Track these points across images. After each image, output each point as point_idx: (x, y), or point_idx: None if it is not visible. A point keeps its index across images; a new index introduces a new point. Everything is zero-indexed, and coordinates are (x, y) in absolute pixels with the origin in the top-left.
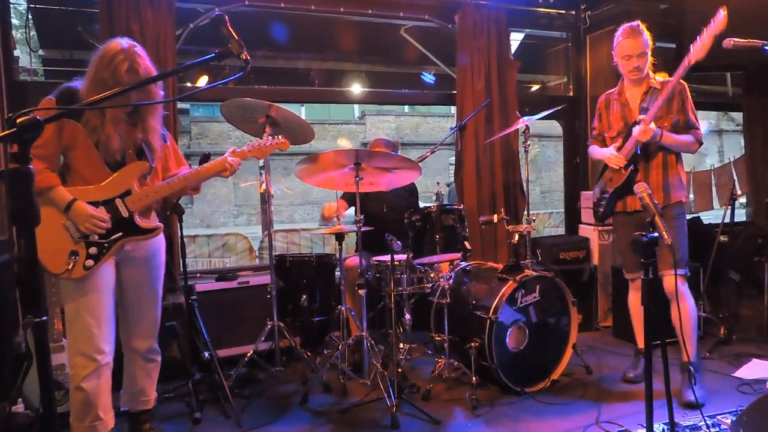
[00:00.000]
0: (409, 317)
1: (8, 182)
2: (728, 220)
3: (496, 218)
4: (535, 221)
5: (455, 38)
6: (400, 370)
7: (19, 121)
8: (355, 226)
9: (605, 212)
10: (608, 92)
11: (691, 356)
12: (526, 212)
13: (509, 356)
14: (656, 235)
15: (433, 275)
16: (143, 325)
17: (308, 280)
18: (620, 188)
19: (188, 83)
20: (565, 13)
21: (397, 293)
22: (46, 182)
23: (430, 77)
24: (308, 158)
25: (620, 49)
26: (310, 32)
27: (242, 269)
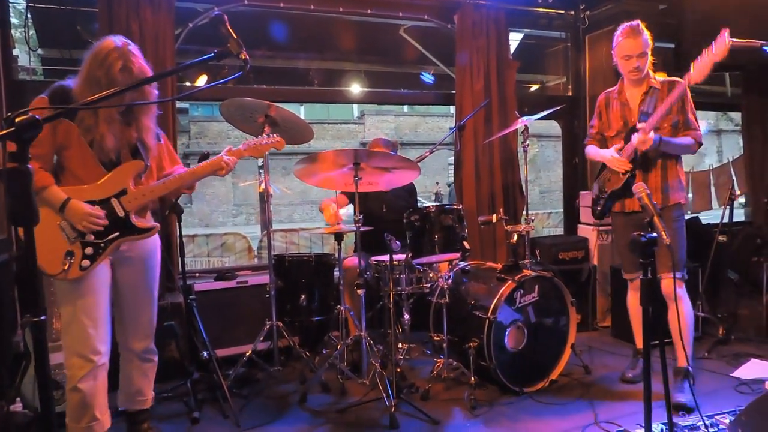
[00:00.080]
0: (407, 317)
1: (7, 181)
2: (727, 220)
3: (495, 218)
4: (533, 221)
5: (454, 38)
6: (398, 369)
7: (17, 120)
8: (354, 226)
9: (602, 211)
10: (608, 91)
11: (687, 360)
12: (525, 212)
13: (508, 356)
14: (655, 235)
15: (432, 275)
16: (139, 325)
17: (307, 279)
18: (618, 190)
19: (187, 83)
20: (564, 13)
21: (396, 293)
22: (40, 182)
23: (429, 77)
24: (307, 158)
25: (620, 49)
26: (309, 32)
27: (241, 269)
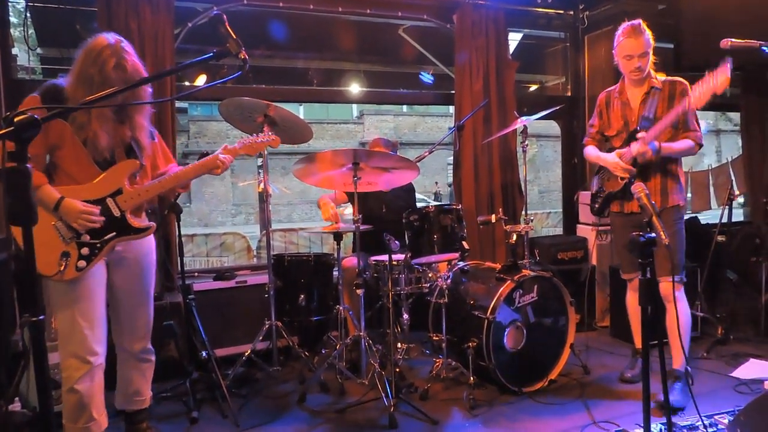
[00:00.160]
0: (407, 317)
1: (6, 181)
2: (726, 220)
3: (494, 218)
4: (533, 221)
5: (453, 38)
6: (397, 369)
7: (16, 119)
8: (353, 225)
9: (600, 208)
10: (609, 90)
11: (683, 362)
12: (524, 212)
13: (507, 356)
14: (654, 235)
15: (431, 275)
16: (136, 326)
17: (306, 279)
18: (617, 193)
19: (186, 82)
20: (563, 13)
21: (395, 293)
22: (33, 181)
23: (428, 77)
24: (306, 158)
25: (621, 48)
26: (308, 32)
27: (240, 268)
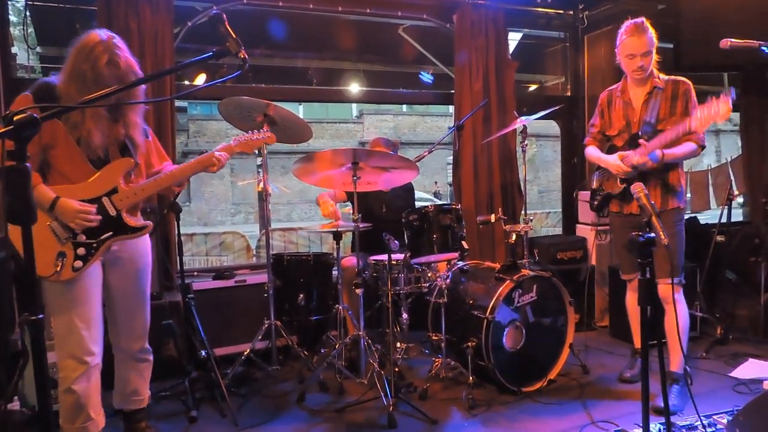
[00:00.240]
0: (406, 317)
1: (6, 180)
2: (725, 220)
3: (493, 218)
4: (532, 221)
5: (453, 38)
6: (397, 369)
7: (16, 118)
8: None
9: (599, 206)
10: (610, 89)
11: (681, 364)
12: (523, 212)
13: (506, 356)
14: (653, 235)
15: (430, 275)
16: (133, 326)
17: (305, 279)
18: (616, 194)
19: (186, 81)
20: (563, 13)
21: (394, 292)
22: None
23: (428, 77)
24: (306, 157)
25: (623, 47)
26: (308, 31)
27: (239, 268)
